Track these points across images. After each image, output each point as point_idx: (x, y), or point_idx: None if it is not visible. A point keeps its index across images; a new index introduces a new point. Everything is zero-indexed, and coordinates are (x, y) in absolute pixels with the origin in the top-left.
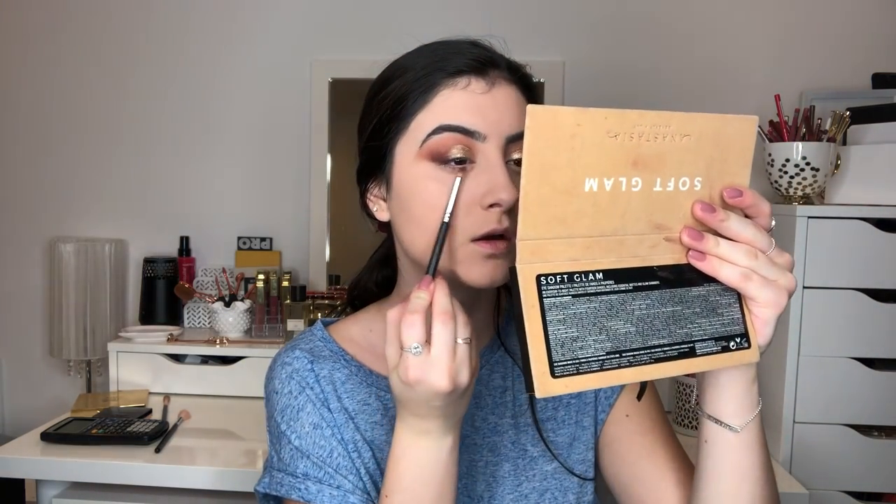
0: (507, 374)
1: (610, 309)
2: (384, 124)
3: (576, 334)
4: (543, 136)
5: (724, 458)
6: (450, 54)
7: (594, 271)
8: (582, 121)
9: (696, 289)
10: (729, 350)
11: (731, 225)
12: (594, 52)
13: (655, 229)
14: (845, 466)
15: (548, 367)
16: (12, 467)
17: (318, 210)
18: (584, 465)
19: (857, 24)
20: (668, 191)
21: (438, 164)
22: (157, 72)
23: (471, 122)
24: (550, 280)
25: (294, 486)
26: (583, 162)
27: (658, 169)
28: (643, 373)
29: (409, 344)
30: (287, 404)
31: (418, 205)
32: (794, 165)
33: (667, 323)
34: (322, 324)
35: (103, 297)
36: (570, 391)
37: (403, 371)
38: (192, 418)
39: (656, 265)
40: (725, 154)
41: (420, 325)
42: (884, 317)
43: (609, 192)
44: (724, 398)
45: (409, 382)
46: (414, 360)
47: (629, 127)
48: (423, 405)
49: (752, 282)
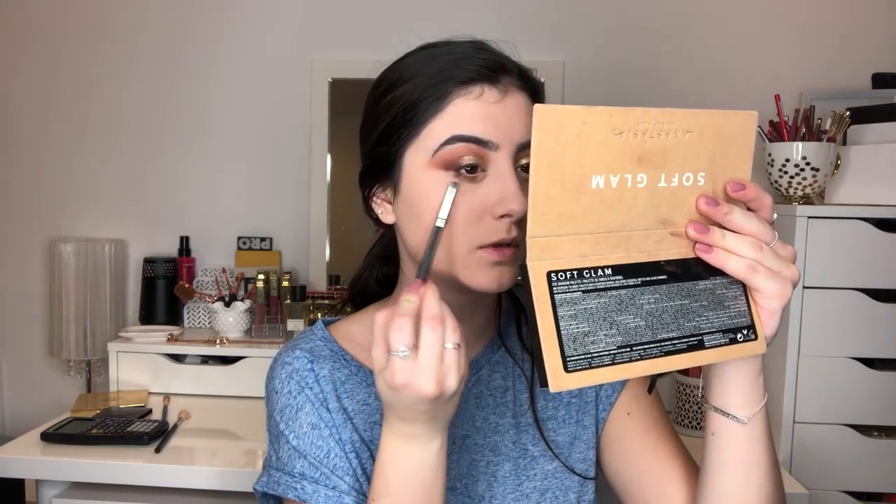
0: (507, 374)
1: (619, 303)
2: (393, 130)
3: (587, 329)
4: (551, 135)
5: (732, 450)
6: (460, 59)
7: (603, 267)
8: (588, 119)
9: (702, 282)
10: (736, 342)
11: (736, 218)
12: (594, 52)
13: (661, 224)
14: (845, 466)
15: (561, 362)
16: (12, 467)
17: (318, 210)
18: (586, 464)
19: (857, 24)
20: (672, 186)
21: (449, 172)
22: (157, 72)
23: (484, 133)
24: (561, 276)
25: (291, 486)
26: (589, 159)
27: (662, 165)
28: (654, 366)
29: (397, 347)
30: (286, 404)
31: (428, 211)
32: (794, 165)
33: (675, 316)
34: (323, 323)
35: (103, 297)
36: (583, 385)
37: (390, 375)
38: (192, 418)
39: (663, 260)
40: (727, 149)
41: (409, 328)
42: (884, 317)
43: (615, 188)
44: (732, 390)
45: (395, 386)
46: (401, 364)
47: (633, 124)
48: (410, 409)
49: (759, 273)
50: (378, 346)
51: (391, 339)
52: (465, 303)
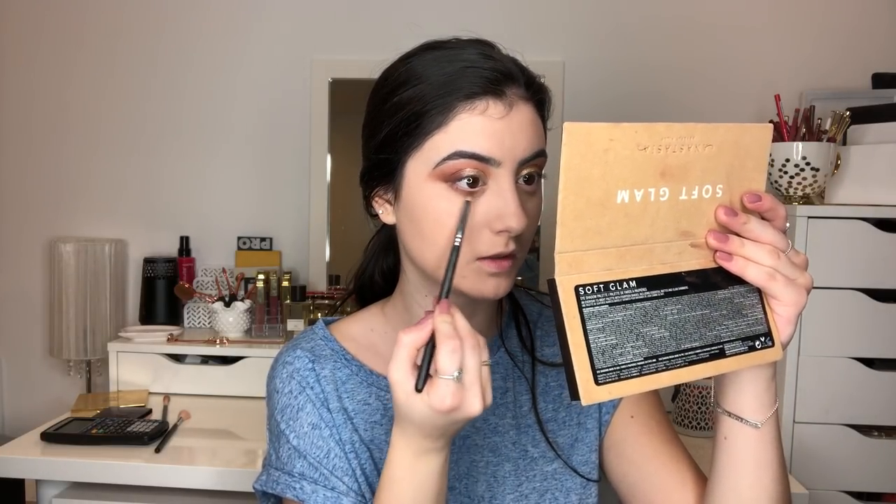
0: (507, 376)
1: (644, 315)
2: (397, 138)
3: (615, 342)
4: (579, 152)
5: (745, 454)
6: (467, 69)
7: (628, 280)
8: (614, 136)
9: (721, 292)
10: (755, 349)
11: (753, 227)
12: (594, 52)
13: (682, 236)
14: (845, 466)
15: (591, 375)
16: (12, 467)
17: (318, 210)
18: (588, 467)
19: (857, 24)
20: (692, 199)
21: (450, 184)
22: (157, 72)
23: (487, 150)
24: (588, 290)
25: (289, 485)
26: (615, 174)
27: (683, 178)
28: (678, 376)
29: (451, 371)
30: (287, 404)
31: (428, 222)
32: (794, 165)
33: (697, 326)
34: (324, 322)
35: (103, 297)
36: (613, 397)
37: (440, 399)
38: (192, 418)
39: (684, 271)
40: (743, 161)
41: (460, 351)
42: (884, 317)
43: (640, 202)
44: (746, 395)
45: (444, 409)
46: (454, 387)
47: (657, 139)
48: (448, 429)
49: (777, 281)
50: (402, 365)
51: (443, 362)
52: (465, 304)
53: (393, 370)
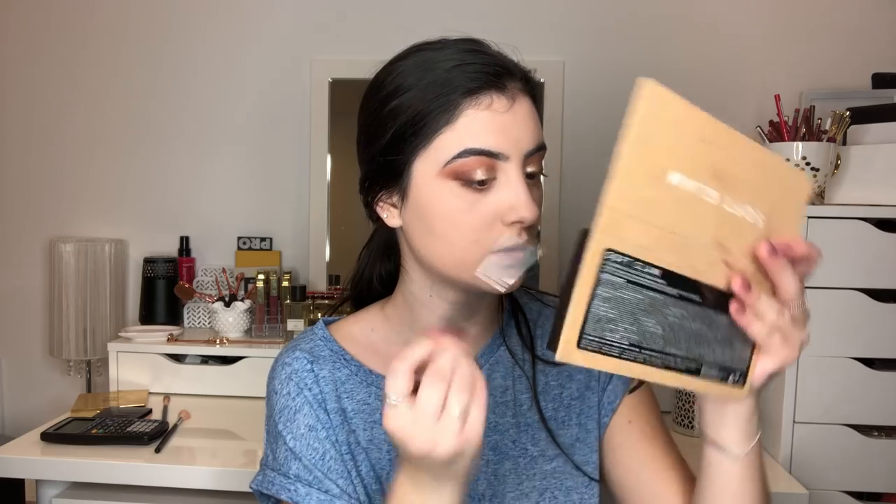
0: (507, 374)
1: (651, 305)
2: (402, 139)
3: (613, 316)
4: (651, 111)
5: (724, 483)
6: (461, 65)
7: (655, 266)
8: (687, 116)
9: (724, 316)
10: (725, 382)
11: (786, 276)
12: (594, 52)
13: (717, 247)
14: (845, 466)
15: (577, 335)
16: (12, 467)
17: (318, 210)
18: (589, 467)
19: (857, 24)
20: (735, 214)
21: (461, 183)
22: (157, 72)
23: (496, 145)
24: (615, 258)
25: (284, 487)
26: (677, 153)
27: (732, 189)
28: (650, 373)
29: (458, 410)
30: (285, 405)
31: (439, 221)
32: (794, 165)
33: (689, 337)
34: (324, 322)
35: (103, 297)
36: (585, 366)
37: (447, 438)
38: (192, 418)
39: (704, 282)
40: (784, 204)
41: (470, 388)
42: (884, 317)
43: (690, 192)
44: (728, 425)
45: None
46: (459, 427)
47: (719, 140)
48: (456, 468)
49: (774, 340)
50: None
51: (454, 402)
52: (470, 300)
53: (391, 384)
